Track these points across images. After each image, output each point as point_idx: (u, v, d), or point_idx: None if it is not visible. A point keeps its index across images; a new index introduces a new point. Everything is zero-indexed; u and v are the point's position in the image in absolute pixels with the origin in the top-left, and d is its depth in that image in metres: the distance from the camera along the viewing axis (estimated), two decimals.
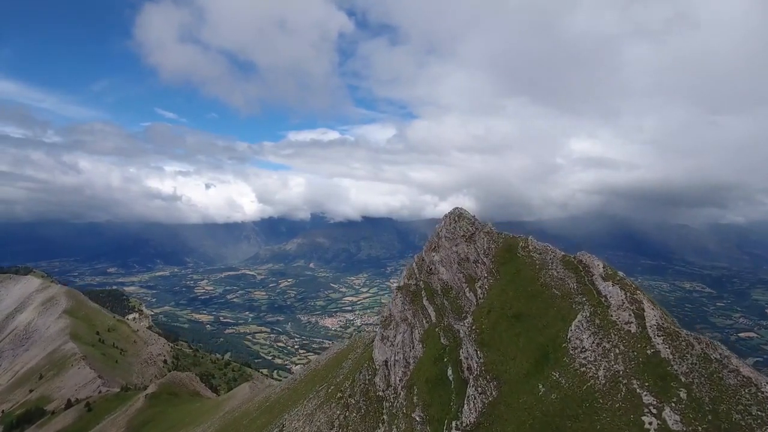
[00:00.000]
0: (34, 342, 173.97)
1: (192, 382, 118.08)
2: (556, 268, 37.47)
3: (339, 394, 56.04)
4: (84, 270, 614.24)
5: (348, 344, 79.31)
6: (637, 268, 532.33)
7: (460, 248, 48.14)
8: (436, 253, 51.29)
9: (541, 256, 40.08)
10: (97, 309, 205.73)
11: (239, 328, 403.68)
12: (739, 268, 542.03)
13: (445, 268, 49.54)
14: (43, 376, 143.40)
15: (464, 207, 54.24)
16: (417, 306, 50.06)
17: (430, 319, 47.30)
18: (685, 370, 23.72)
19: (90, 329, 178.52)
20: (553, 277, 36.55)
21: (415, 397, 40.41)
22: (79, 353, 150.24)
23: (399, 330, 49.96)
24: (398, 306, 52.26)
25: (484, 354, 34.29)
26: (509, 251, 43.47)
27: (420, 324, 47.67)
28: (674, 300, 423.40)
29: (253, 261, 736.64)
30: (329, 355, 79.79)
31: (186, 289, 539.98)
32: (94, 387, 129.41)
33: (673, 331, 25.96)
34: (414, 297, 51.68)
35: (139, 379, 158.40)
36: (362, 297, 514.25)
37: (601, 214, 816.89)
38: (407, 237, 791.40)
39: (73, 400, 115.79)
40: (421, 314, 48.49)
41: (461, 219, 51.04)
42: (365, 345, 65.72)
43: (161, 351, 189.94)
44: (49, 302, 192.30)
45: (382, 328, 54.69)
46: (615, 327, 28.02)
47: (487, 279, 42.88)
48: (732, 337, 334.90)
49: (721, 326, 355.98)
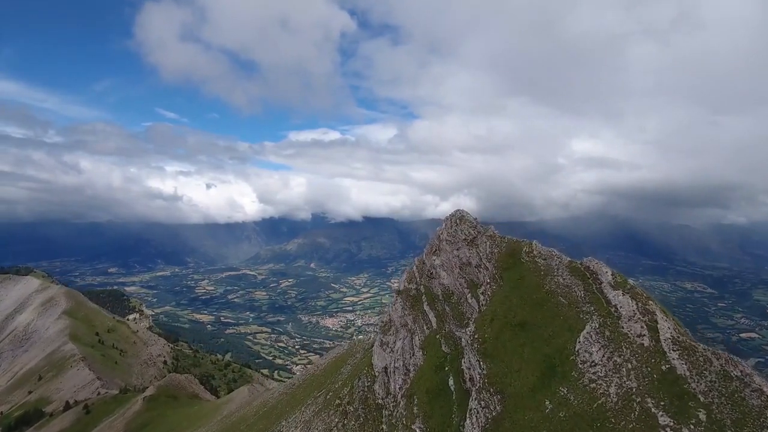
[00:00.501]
0: (33, 343, 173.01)
1: (191, 384, 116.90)
2: (562, 274, 35.98)
3: (337, 401, 54.70)
4: (85, 270, 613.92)
5: (347, 348, 78.03)
6: (638, 268, 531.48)
7: (462, 252, 46.84)
8: (437, 257, 49.97)
9: (546, 262, 38.56)
10: (96, 310, 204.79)
11: (240, 329, 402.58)
12: (740, 268, 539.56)
13: (446, 273, 48.23)
14: (42, 378, 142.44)
15: (465, 207, 52.78)
16: (417, 311, 48.64)
17: (430, 325, 45.94)
18: (703, 388, 22.24)
19: (89, 330, 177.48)
20: (559, 284, 35.06)
21: (415, 408, 39.06)
22: (79, 354, 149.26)
23: (399, 336, 48.62)
24: (398, 311, 50.93)
25: (487, 365, 32.87)
26: (513, 256, 41.98)
27: (420, 330, 46.30)
28: (675, 300, 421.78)
29: (254, 261, 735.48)
30: (328, 359, 78.48)
31: (187, 289, 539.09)
32: (93, 389, 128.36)
33: (689, 345, 24.41)
34: (414, 302, 50.26)
35: (138, 380, 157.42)
36: (363, 297, 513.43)
37: (603, 215, 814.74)
38: (408, 237, 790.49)
39: (72, 402, 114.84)
40: (421, 320, 47.12)
41: (463, 222, 49.57)
42: (364, 350, 64.31)
43: (161, 352, 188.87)
44: (48, 303, 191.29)
45: (381, 334, 53.32)
46: (627, 340, 26.52)
47: (489, 285, 41.45)
48: (733, 337, 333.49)
49: (723, 327, 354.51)
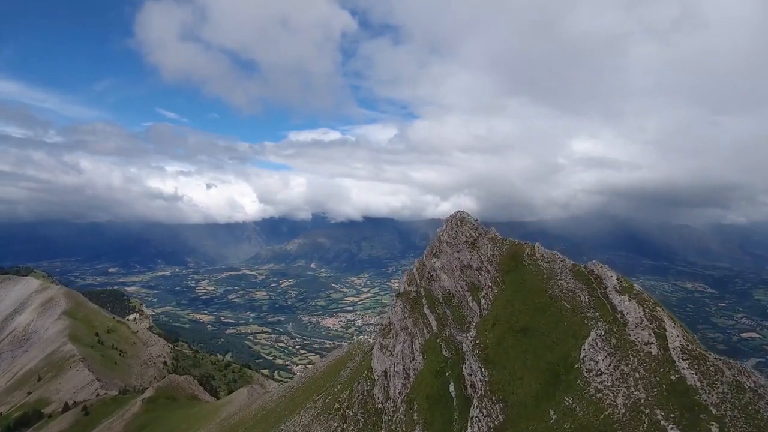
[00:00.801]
0: (33, 343, 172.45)
1: (190, 385, 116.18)
2: (565, 278, 35.09)
3: (336, 405, 54.00)
4: (85, 270, 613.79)
5: (347, 350, 77.20)
6: (638, 268, 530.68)
7: (463, 255, 45.98)
8: (438, 259, 49.13)
9: (549, 265, 37.61)
10: (96, 310, 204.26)
11: (240, 329, 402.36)
12: (741, 268, 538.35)
13: (446, 275, 47.38)
14: (42, 378, 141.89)
15: (465, 207, 52.04)
16: (417, 314, 47.84)
17: (431, 328, 45.14)
18: (715, 400, 21.40)
19: (89, 330, 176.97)
20: (562, 289, 34.19)
21: (415, 414, 38.31)
22: (78, 355, 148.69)
23: (399, 339, 47.84)
24: (398, 314, 50.11)
25: (489, 372, 32.07)
26: (514, 259, 41.00)
27: (420, 333, 45.48)
28: (676, 300, 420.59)
29: (254, 261, 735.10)
30: (328, 361, 77.65)
31: (187, 289, 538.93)
32: (92, 390, 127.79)
33: (699, 354, 23.54)
34: (414, 305, 49.43)
35: (138, 380, 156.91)
36: (363, 297, 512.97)
37: (603, 215, 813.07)
38: (408, 237, 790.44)
39: (71, 403, 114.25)
40: (421, 323, 46.29)
41: (463, 224, 48.70)
42: (364, 353, 63.51)
43: (161, 352, 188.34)
44: (48, 303, 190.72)
45: (381, 337, 52.57)
46: (634, 348, 25.65)
47: (491, 288, 40.55)
48: (734, 337, 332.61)
49: (723, 327, 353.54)
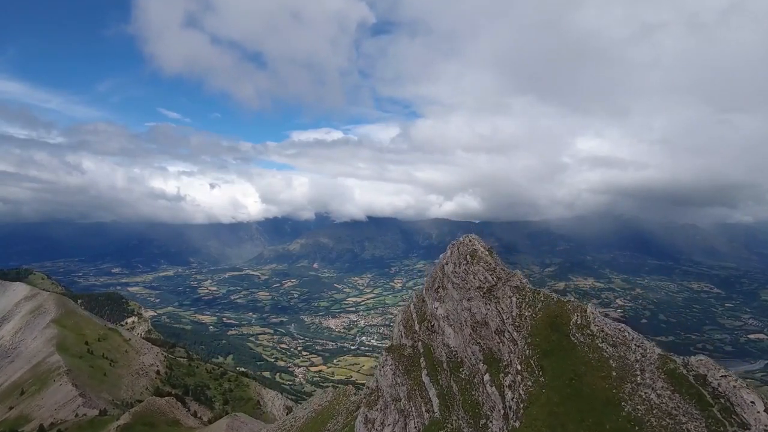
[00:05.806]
0: (19, 353, 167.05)
1: (171, 409, 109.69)
2: (653, 382, 20.94)
3: None
4: (88, 270, 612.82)
5: (330, 400, 67.07)
6: (644, 268, 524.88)
7: (475, 305, 33.86)
8: (441, 303, 37.42)
9: (617, 351, 22.99)
10: (87, 317, 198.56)
11: (242, 329, 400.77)
12: (747, 268, 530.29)
13: (452, 330, 35.47)
14: (25, 392, 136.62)
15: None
16: (414, 382, 35.92)
17: (431, 408, 33.02)
18: None
19: (79, 339, 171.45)
20: (650, 404, 20.23)
21: None
22: (64, 367, 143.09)
23: (388, 415, 36.01)
24: (388, 377, 38.02)
25: None
26: (556, 329, 27.69)
27: (418, 413, 33.45)
28: (682, 301, 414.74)
29: (257, 261, 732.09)
30: (308, 411, 68.32)
31: (190, 290, 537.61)
32: (74, 407, 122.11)
33: None
34: (410, 366, 37.40)
35: (128, 392, 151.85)
36: (366, 298, 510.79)
37: (608, 214, 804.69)
38: (412, 237, 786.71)
39: (47, 424, 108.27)
40: (418, 396, 34.33)
41: (476, 260, 35.32)
42: (348, 411, 52.24)
43: (154, 361, 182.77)
44: (36, 311, 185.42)
45: (366, 406, 40.71)
46: None
47: (522, 376, 27.58)
48: (741, 338, 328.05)
49: (730, 328, 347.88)
